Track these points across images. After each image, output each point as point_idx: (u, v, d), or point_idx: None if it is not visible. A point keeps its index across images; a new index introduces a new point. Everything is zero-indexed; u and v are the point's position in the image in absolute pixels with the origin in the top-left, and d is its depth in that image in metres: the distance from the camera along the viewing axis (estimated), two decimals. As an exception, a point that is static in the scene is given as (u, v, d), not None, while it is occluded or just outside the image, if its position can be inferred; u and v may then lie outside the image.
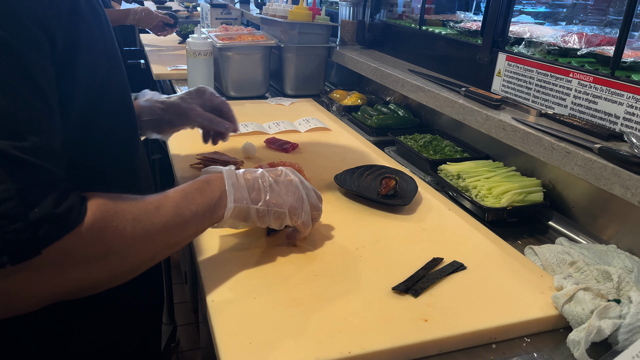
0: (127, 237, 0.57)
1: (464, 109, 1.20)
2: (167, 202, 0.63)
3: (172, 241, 0.64)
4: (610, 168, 0.84)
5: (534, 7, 2.50)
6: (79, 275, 0.54)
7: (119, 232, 0.56)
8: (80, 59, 0.57)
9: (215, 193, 0.69)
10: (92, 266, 0.54)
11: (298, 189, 0.76)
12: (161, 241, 0.62)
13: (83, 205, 0.53)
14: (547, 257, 0.83)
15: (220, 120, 1.00)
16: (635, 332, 0.63)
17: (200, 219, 0.66)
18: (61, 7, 0.53)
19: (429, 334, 0.64)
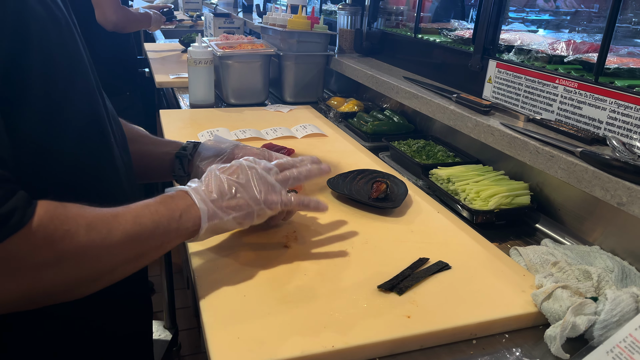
0: (81, 243, 0.55)
1: (455, 114, 1.24)
2: (126, 212, 0.61)
3: (133, 252, 0.62)
4: (591, 171, 0.87)
5: (537, 15, 2.53)
6: (29, 281, 0.52)
7: (71, 236, 0.54)
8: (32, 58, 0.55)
9: (179, 204, 0.67)
10: (43, 272, 0.53)
11: (262, 177, 0.75)
12: (121, 251, 0.60)
13: (30, 207, 0.51)
14: (531, 258, 0.86)
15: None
16: (610, 328, 0.66)
17: (164, 229, 0.64)
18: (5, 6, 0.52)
19: (411, 330, 0.66)
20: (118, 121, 0.78)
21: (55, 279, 0.54)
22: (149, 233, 0.62)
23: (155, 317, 2.22)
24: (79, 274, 0.56)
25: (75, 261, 0.55)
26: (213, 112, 1.68)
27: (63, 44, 0.61)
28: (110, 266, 0.60)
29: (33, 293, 0.54)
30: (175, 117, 1.57)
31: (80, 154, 0.64)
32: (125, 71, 2.49)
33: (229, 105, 1.83)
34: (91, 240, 0.56)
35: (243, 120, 1.58)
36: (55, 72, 0.59)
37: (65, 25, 0.62)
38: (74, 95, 0.62)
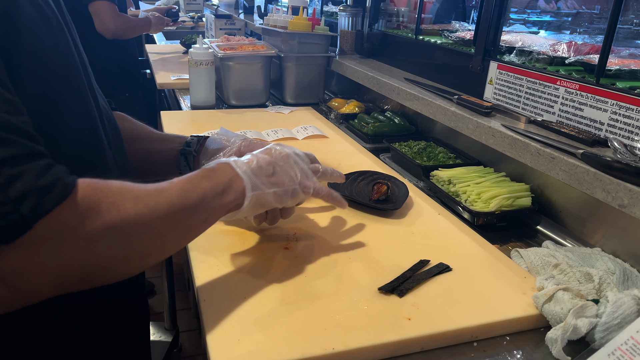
0: (129, 215, 0.55)
1: (456, 116, 1.23)
2: (171, 186, 0.62)
3: (182, 226, 0.62)
4: (592, 173, 0.86)
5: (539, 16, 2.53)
6: (83, 253, 0.52)
7: (117, 208, 0.54)
8: (24, 56, 0.55)
9: (223, 179, 0.68)
10: (96, 244, 0.52)
11: (297, 162, 0.77)
12: (169, 224, 0.60)
13: (70, 178, 0.51)
14: (532, 260, 0.85)
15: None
16: (611, 330, 0.66)
17: (208, 202, 0.65)
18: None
19: (412, 332, 0.66)
20: (113, 122, 0.78)
21: (109, 251, 0.54)
22: (194, 207, 0.63)
23: (156, 318, 2.22)
24: (131, 246, 0.56)
25: (125, 233, 0.55)
26: (214, 113, 1.68)
27: (55, 44, 0.60)
28: (160, 240, 0.60)
29: (89, 266, 0.53)
30: (176, 119, 1.57)
31: (71, 155, 0.63)
32: (124, 73, 2.50)
33: (229, 106, 1.83)
34: (139, 212, 0.55)
35: (244, 121, 1.58)
36: (48, 73, 0.59)
37: (57, 25, 0.61)
38: (68, 95, 0.62)
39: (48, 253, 0.49)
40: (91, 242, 0.52)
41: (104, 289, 0.63)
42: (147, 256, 0.59)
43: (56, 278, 0.52)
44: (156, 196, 0.59)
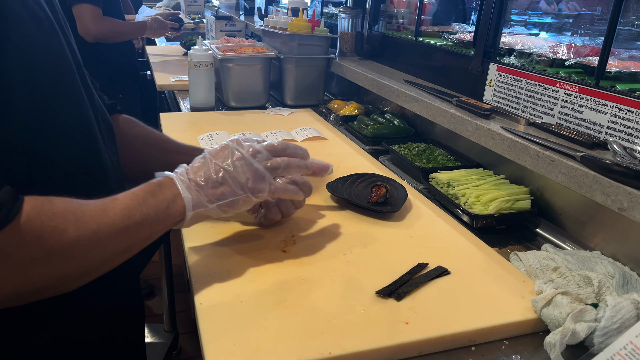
0: (71, 238, 0.55)
1: (455, 118, 1.23)
2: (115, 205, 0.62)
3: (123, 245, 0.62)
4: (592, 175, 0.86)
5: (540, 18, 2.53)
6: (19, 277, 0.52)
7: (60, 232, 0.54)
8: (12, 60, 0.55)
9: (167, 195, 0.68)
10: (33, 268, 0.53)
11: (251, 164, 0.73)
12: (111, 244, 0.60)
13: (16, 202, 0.51)
14: (531, 263, 0.85)
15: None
16: (610, 335, 0.65)
17: (152, 221, 0.65)
18: None
19: (409, 336, 0.66)
20: (108, 122, 0.78)
21: (45, 274, 0.54)
22: (137, 225, 0.63)
23: (156, 320, 2.21)
24: (69, 269, 0.56)
25: (65, 257, 0.55)
26: (213, 115, 1.68)
27: (46, 44, 0.60)
28: (99, 260, 0.60)
29: (22, 289, 0.54)
30: (176, 120, 1.57)
31: (66, 154, 0.64)
32: (119, 74, 2.48)
33: (229, 108, 1.83)
34: (80, 235, 0.56)
35: (243, 123, 1.58)
36: (38, 73, 0.58)
37: (49, 25, 0.61)
38: (61, 96, 0.62)
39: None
40: (28, 267, 0.52)
41: (98, 291, 0.63)
42: (85, 275, 0.60)
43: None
44: (99, 217, 0.59)
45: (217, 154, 0.74)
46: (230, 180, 0.72)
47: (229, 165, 0.73)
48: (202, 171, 0.72)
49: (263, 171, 0.74)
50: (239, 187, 0.72)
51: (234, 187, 0.72)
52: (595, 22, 2.31)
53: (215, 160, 0.73)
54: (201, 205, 0.70)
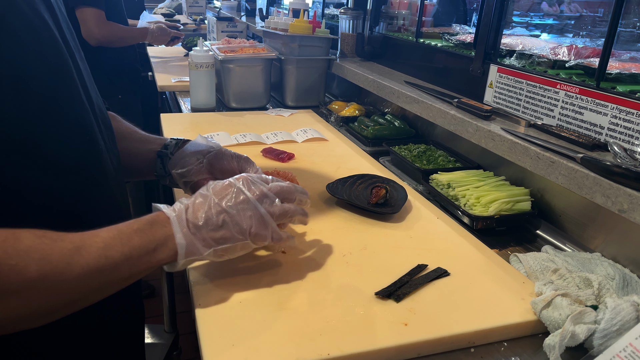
0: (30, 277, 0.51)
1: (456, 119, 1.23)
2: (92, 242, 0.57)
3: (95, 285, 0.58)
4: (592, 177, 0.86)
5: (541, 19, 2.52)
6: None
7: (18, 271, 0.50)
8: (3, 74, 0.54)
9: (158, 235, 0.63)
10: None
11: (256, 207, 0.68)
12: (80, 285, 0.56)
13: None
14: (531, 265, 0.85)
15: None
16: (610, 337, 0.65)
17: (134, 262, 0.60)
18: None
19: (408, 338, 0.66)
20: (109, 125, 0.77)
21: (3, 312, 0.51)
22: (115, 266, 0.58)
23: (156, 320, 2.21)
24: (27, 308, 0.53)
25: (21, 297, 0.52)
26: (214, 116, 1.68)
27: (40, 52, 0.59)
28: (67, 300, 0.56)
29: None
30: (176, 121, 1.57)
31: (65, 160, 0.63)
32: (118, 75, 2.49)
33: (230, 109, 1.83)
34: (43, 275, 0.52)
35: (244, 124, 1.58)
36: (30, 81, 0.57)
37: (45, 31, 0.60)
38: (56, 101, 0.61)
39: None
40: None
41: (100, 304, 0.62)
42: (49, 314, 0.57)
43: None
44: (70, 256, 0.55)
45: (221, 192, 0.69)
46: (232, 224, 0.67)
47: (232, 207, 0.67)
48: (203, 211, 0.66)
49: (268, 218, 0.69)
50: (240, 233, 0.67)
51: (234, 232, 0.67)
52: (597, 23, 2.30)
53: (218, 200, 0.67)
54: (195, 253, 0.65)
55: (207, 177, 0.87)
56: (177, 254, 0.64)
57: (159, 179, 0.92)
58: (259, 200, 0.69)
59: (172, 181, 0.90)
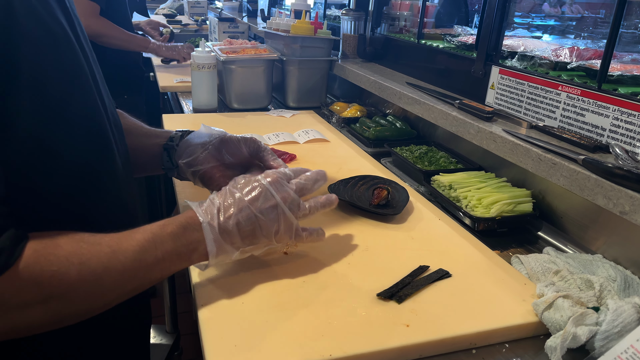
0: (72, 281, 0.54)
1: (457, 121, 1.23)
2: (128, 246, 0.60)
3: (130, 287, 0.61)
4: (594, 179, 0.86)
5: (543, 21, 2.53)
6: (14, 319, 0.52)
7: (60, 276, 0.53)
8: (22, 77, 0.54)
9: (190, 240, 0.65)
10: (29, 311, 0.53)
11: (283, 212, 0.71)
12: (116, 287, 0.59)
13: (17, 247, 0.51)
14: (533, 266, 0.85)
15: None
16: (611, 339, 0.65)
17: (166, 265, 0.63)
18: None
19: (410, 339, 0.66)
20: (120, 128, 0.78)
21: (43, 316, 0.54)
22: (149, 270, 0.61)
23: (157, 321, 2.21)
24: (68, 310, 0.56)
25: (64, 300, 0.55)
26: (216, 116, 1.68)
27: (59, 58, 0.60)
28: (104, 301, 0.59)
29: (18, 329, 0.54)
30: (178, 122, 1.58)
31: (81, 164, 0.64)
32: (122, 74, 2.49)
33: (232, 110, 1.83)
34: (83, 279, 0.55)
35: (246, 125, 1.58)
36: (49, 85, 0.58)
37: (64, 38, 0.61)
38: (74, 105, 0.61)
39: None
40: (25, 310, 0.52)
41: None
42: (86, 314, 0.59)
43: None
44: (107, 259, 0.57)
45: (250, 193, 0.70)
46: (260, 230, 0.70)
47: (262, 212, 0.69)
48: (234, 215, 0.68)
49: (293, 221, 0.73)
50: (267, 237, 0.71)
51: (262, 236, 0.70)
52: (599, 25, 2.30)
53: (248, 203, 0.69)
54: (225, 255, 0.69)
55: (214, 165, 0.86)
56: (208, 257, 0.67)
57: (166, 172, 0.91)
58: (286, 203, 0.72)
59: (180, 173, 0.90)
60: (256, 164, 0.89)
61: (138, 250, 0.60)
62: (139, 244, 0.60)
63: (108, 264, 0.57)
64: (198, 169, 0.86)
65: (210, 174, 0.86)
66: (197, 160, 0.86)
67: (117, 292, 0.60)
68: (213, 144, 0.86)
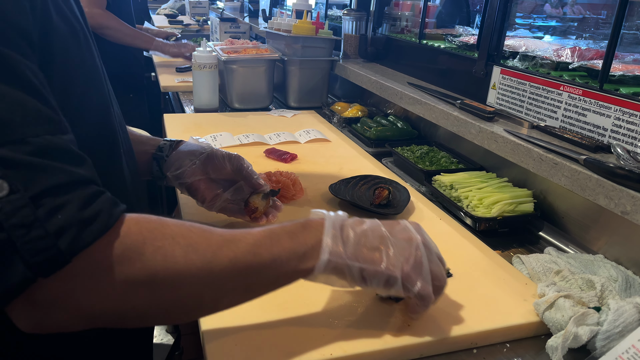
0: (177, 261, 0.50)
1: (459, 121, 1.23)
2: (243, 238, 0.56)
3: (242, 283, 0.55)
4: (595, 179, 0.86)
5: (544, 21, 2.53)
6: (118, 296, 0.49)
7: (164, 254, 0.50)
8: (54, 74, 0.54)
9: (309, 240, 0.59)
10: (133, 289, 0.49)
11: (418, 249, 0.62)
12: (227, 281, 0.54)
13: (115, 209, 0.49)
14: (534, 266, 0.85)
15: None
16: (613, 339, 0.65)
17: (281, 264, 0.57)
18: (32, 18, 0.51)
19: (411, 338, 0.66)
20: (125, 129, 0.78)
21: (147, 299, 0.51)
22: (263, 266, 0.55)
23: (158, 320, 2.21)
24: (176, 298, 0.52)
25: (169, 283, 0.50)
26: (217, 116, 1.68)
27: (81, 59, 0.60)
28: (212, 295, 0.54)
29: (125, 310, 0.51)
30: (179, 122, 1.58)
31: (94, 162, 0.64)
32: (128, 73, 2.49)
33: (233, 109, 1.83)
34: (190, 263, 0.51)
35: (247, 125, 1.58)
36: (72, 84, 0.58)
37: (83, 37, 0.61)
38: (88, 109, 0.62)
39: (82, 289, 0.48)
40: (128, 286, 0.49)
41: None
42: (196, 309, 0.55)
43: (88, 315, 0.50)
44: (218, 247, 0.53)
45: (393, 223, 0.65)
46: (387, 251, 0.61)
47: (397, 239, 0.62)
48: (362, 226, 0.62)
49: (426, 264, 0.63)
50: (392, 264, 0.60)
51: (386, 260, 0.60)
52: (600, 25, 2.30)
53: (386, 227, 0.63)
54: (339, 257, 0.59)
55: (200, 178, 0.89)
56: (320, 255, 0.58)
57: (155, 180, 0.93)
58: (425, 246, 0.64)
59: (167, 182, 0.92)
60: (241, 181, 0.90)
61: (252, 243, 0.56)
62: (254, 237, 0.56)
63: (218, 250, 0.53)
64: (185, 181, 0.89)
65: (196, 186, 0.88)
66: (185, 173, 0.88)
67: (230, 286, 0.55)
68: (200, 159, 0.89)
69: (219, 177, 0.90)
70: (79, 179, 0.48)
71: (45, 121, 0.48)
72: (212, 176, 0.89)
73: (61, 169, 0.47)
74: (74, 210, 0.46)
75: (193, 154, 0.89)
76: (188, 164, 0.88)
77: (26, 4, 0.49)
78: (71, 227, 0.45)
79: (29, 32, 0.49)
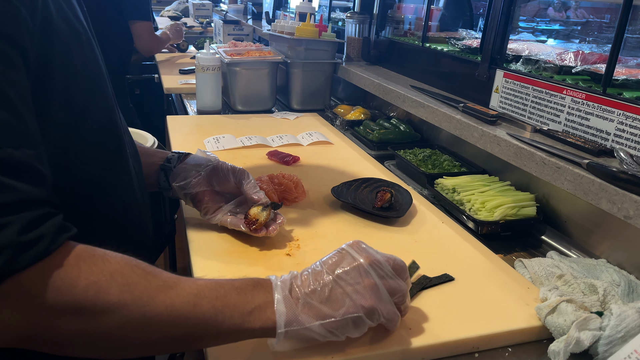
0: (110, 300, 0.49)
1: (461, 124, 1.23)
2: (186, 286, 0.54)
3: (177, 333, 0.53)
4: (598, 183, 0.86)
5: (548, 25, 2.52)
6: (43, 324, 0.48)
7: (98, 289, 0.48)
8: (55, 76, 0.55)
9: (257, 300, 0.56)
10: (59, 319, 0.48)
11: (368, 274, 0.60)
12: (161, 327, 0.52)
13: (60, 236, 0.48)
14: (536, 270, 0.84)
15: None
16: (615, 344, 0.65)
17: (223, 320, 0.54)
18: (31, 22, 0.50)
19: (412, 342, 0.66)
20: (128, 131, 0.79)
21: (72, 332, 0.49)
22: (202, 319, 0.53)
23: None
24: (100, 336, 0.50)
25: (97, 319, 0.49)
26: (220, 118, 1.68)
27: (83, 58, 0.60)
28: (142, 338, 0.52)
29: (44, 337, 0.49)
30: (182, 123, 1.58)
31: (97, 167, 0.64)
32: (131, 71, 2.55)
33: (236, 111, 1.83)
34: (123, 302, 0.49)
35: (249, 127, 1.58)
36: (75, 86, 0.59)
37: (86, 40, 0.62)
38: (93, 111, 0.62)
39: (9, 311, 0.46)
40: (54, 315, 0.48)
41: None
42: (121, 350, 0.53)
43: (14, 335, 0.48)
44: (156, 292, 0.52)
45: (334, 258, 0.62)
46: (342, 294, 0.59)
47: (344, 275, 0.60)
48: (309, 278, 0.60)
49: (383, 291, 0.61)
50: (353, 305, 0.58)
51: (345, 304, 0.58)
52: (603, 29, 2.29)
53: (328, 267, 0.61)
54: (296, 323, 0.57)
55: (205, 190, 0.90)
56: (274, 325, 0.56)
57: (162, 191, 0.94)
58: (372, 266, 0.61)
59: (173, 193, 0.93)
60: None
61: (194, 293, 0.54)
62: (197, 288, 0.54)
63: (156, 295, 0.51)
64: (189, 191, 0.90)
65: (200, 197, 0.90)
66: (190, 184, 0.90)
67: (160, 334, 0.52)
68: (205, 170, 0.91)
69: (223, 189, 0.91)
70: (28, 198, 0.47)
71: (11, 133, 0.46)
72: (217, 188, 0.91)
73: (11, 187, 0.45)
74: (14, 232, 0.45)
75: (199, 166, 0.91)
76: (194, 175, 0.90)
77: (23, 10, 0.49)
78: (9, 248, 0.44)
79: (18, 40, 0.48)
